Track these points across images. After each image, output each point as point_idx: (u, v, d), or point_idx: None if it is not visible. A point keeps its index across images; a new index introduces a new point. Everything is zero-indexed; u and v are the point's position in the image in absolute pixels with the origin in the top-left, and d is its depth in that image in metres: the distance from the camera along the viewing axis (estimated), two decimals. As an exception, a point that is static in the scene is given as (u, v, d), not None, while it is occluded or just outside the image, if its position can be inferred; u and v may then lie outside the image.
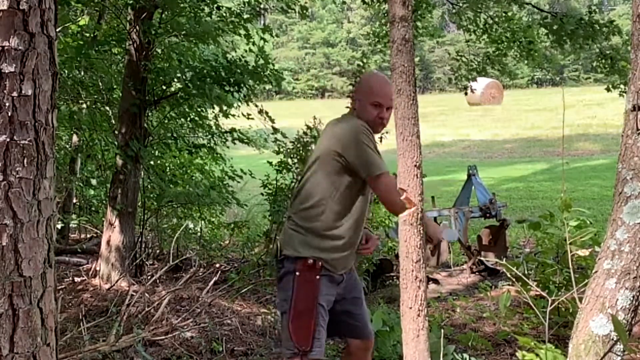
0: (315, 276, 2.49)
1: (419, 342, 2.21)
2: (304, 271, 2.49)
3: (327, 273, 2.52)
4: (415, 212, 2.18)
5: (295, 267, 2.50)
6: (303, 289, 2.49)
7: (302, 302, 2.48)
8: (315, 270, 2.49)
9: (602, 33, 7.08)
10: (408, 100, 1.99)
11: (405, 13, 1.95)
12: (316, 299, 2.47)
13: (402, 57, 1.97)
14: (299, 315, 2.47)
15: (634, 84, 1.95)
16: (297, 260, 2.50)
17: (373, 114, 2.57)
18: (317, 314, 2.46)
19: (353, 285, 2.72)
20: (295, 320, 2.48)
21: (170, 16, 5.55)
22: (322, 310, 2.50)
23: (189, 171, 7.10)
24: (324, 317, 2.50)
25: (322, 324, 2.49)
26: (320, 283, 2.49)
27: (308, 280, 2.48)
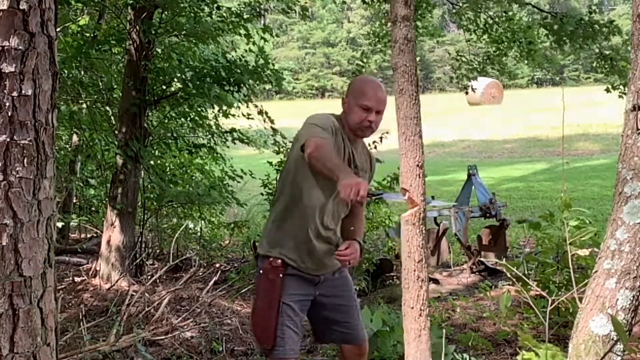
0: (278, 275, 2.45)
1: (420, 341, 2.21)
2: (267, 270, 2.47)
3: (293, 272, 2.48)
4: (418, 212, 2.17)
5: (261, 266, 2.50)
6: (264, 287, 2.47)
7: (263, 300, 2.46)
8: (278, 268, 2.45)
9: (602, 33, 7.07)
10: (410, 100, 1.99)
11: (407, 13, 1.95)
12: (279, 298, 2.43)
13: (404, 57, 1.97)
14: (259, 313, 2.46)
15: (634, 84, 1.95)
16: (264, 258, 2.50)
17: (361, 117, 2.49)
18: (280, 313, 2.42)
19: (339, 292, 2.64)
20: (256, 318, 2.48)
21: (170, 16, 5.55)
22: (289, 310, 2.45)
23: (189, 171, 7.10)
24: (290, 317, 2.45)
25: (288, 324, 2.44)
26: (284, 282, 2.45)
27: (270, 279, 2.46)
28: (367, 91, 2.50)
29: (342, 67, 52.49)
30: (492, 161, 17.74)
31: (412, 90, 1.98)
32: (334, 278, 2.63)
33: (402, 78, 1.98)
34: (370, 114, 2.49)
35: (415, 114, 1.99)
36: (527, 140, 21.16)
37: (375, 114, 2.50)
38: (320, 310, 2.60)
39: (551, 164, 16.19)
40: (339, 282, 2.65)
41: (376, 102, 2.48)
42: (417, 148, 2.01)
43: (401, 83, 1.98)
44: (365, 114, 2.49)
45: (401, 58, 1.97)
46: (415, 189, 2.06)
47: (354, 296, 2.75)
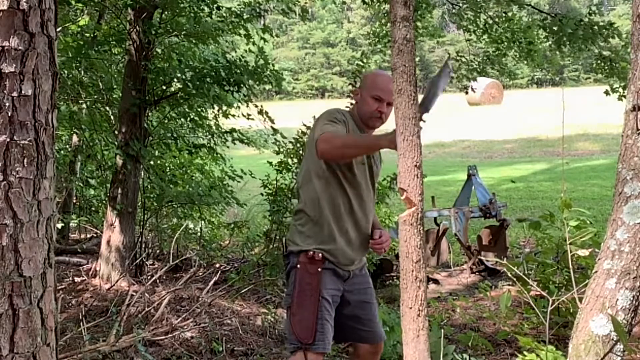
0: (317, 269, 2.47)
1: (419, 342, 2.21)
2: (305, 264, 2.48)
3: (330, 266, 2.51)
4: (416, 213, 2.18)
5: (297, 261, 2.50)
6: (304, 281, 2.48)
7: (303, 295, 2.46)
8: (317, 262, 2.48)
9: (602, 35, 7.07)
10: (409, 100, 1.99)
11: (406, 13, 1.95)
12: (319, 292, 2.45)
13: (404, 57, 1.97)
14: (300, 308, 2.46)
15: (634, 84, 1.95)
16: (299, 253, 2.51)
17: (373, 107, 2.56)
18: (320, 307, 2.44)
19: (363, 289, 2.67)
20: (297, 314, 2.47)
21: (170, 16, 5.55)
22: (327, 304, 2.47)
23: (189, 171, 7.10)
24: (328, 311, 2.47)
25: (327, 318, 2.46)
26: (322, 276, 2.48)
27: (310, 273, 2.47)
28: (379, 82, 2.57)
29: (342, 68, 52.49)
30: (492, 161, 17.74)
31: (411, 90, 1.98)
32: (359, 275, 2.66)
33: (401, 78, 1.98)
34: (382, 105, 2.56)
35: (413, 114, 1.99)
36: (527, 140, 21.16)
37: (387, 105, 2.56)
38: (345, 307, 2.61)
39: (551, 164, 16.19)
40: (363, 279, 2.69)
41: (388, 93, 2.50)
42: (415, 148, 2.01)
43: (400, 83, 1.98)
44: (377, 104, 2.56)
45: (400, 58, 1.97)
46: (413, 189, 2.06)
47: (374, 293, 2.78)
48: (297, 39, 57.75)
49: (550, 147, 19.41)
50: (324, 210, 2.51)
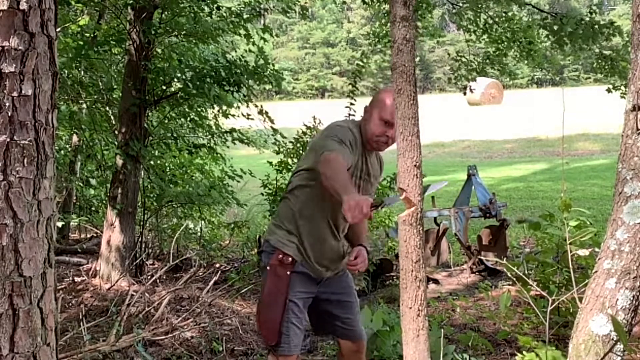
0: (287, 272, 2.46)
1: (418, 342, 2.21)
2: (276, 266, 2.47)
3: (301, 270, 2.49)
4: (415, 213, 2.18)
5: (269, 261, 2.50)
6: (272, 283, 2.47)
7: (270, 296, 2.46)
8: (287, 266, 2.46)
9: (602, 34, 7.07)
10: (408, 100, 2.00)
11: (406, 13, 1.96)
12: (286, 295, 2.43)
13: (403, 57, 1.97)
14: (266, 309, 2.46)
15: (634, 84, 1.95)
16: (272, 253, 2.50)
17: (379, 130, 2.49)
18: (286, 310, 2.43)
19: (341, 288, 2.66)
20: (262, 314, 2.47)
21: (170, 16, 5.55)
22: (294, 307, 2.46)
23: (189, 171, 7.10)
24: (296, 315, 2.46)
25: (294, 322, 2.45)
26: (292, 279, 2.46)
27: (279, 276, 2.46)
28: (389, 105, 2.44)
29: (342, 67, 52.52)
30: (492, 161, 17.74)
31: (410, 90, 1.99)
32: (336, 277, 2.65)
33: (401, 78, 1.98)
34: (390, 129, 2.47)
35: (413, 114, 1.99)
36: (527, 140, 21.16)
37: (392, 131, 2.47)
38: (320, 304, 2.61)
39: (551, 164, 16.19)
40: (341, 279, 2.68)
41: None
42: (415, 148, 2.02)
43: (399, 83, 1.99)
44: (384, 129, 2.49)
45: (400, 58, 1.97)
46: (412, 189, 2.06)
47: (355, 293, 2.76)
48: (297, 39, 57.75)
49: (550, 147, 19.41)
50: (303, 217, 2.50)
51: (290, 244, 2.49)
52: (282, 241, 2.50)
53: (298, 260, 2.48)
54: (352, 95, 6.08)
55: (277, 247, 2.49)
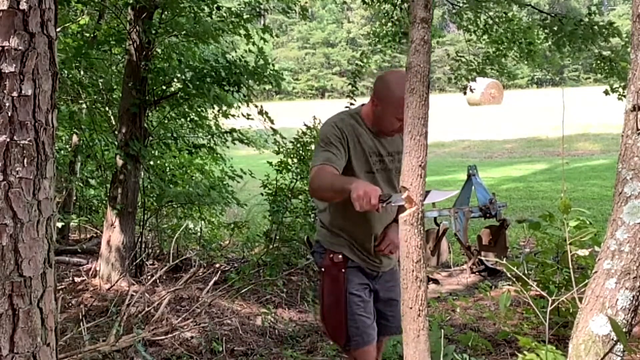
0: (340, 270, 2.48)
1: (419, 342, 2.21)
2: (329, 267, 2.49)
3: (354, 265, 2.51)
4: (416, 212, 2.18)
5: (322, 263, 2.52)
6: (329, 285, 2.49)
7: (329, 298, 2.48)
8: (339, 264, 2.48)
9: (602, 35, 7.07)
10: (420, 100, 2.04)
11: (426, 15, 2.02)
12: (345, 291, 2.45)
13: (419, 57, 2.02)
14: (329, 312, 2.49)
15: (634, 84, 1.95)
16: (323, 253, 2.52)
17: (394, 127, 2.46)
18: (348, 305, 2.44)
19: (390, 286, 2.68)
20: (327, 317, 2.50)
21: (170, 16, 5.55)
22: (356, 298, 2.47)
23: (189, 171, 7.10)
24: (359, 305, 2.47)
25: (359, 312, 2.45)
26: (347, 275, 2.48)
27: (334, 275, 2.48)
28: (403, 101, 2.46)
29: (342, 67, 52.54)
30: (492, 161, 17.74)
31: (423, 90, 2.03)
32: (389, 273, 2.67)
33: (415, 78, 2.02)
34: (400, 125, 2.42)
35: (423, 114, 2.04)
36: (527, 140, 21.16)
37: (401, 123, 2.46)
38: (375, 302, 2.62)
39: (551, 164, 16.19)
40: (391, 277, 2.69)
41: None
42: (422, 148, 2.05)
43: (413, 82, 2.02)
44: (397, 125, 2.46)
45: (416, 58, 2.01)
46: (415, 189, 2.07)
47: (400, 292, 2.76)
48: (297, 39, 57.76)
49: (550, 147, 19.41)
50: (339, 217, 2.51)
51: (340, 242, 2.50)
52: (332, 241, 2.52)
53: (350, 257, 2.50)
54: (352, 95, 6.09)
55: (327, 248, 2.51)
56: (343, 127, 2.46)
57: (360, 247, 2.53)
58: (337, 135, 2.43)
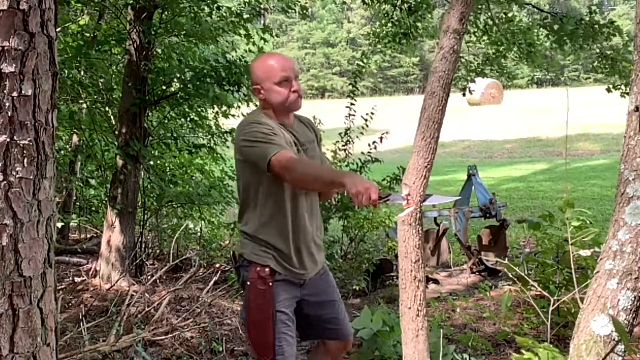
0: (268, 283, 2.36)
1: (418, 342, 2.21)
2: (255, 279, 2.37)
3: (281, 278, 2.40)
4: (414, 213, 2.18)
5: (248, 276, 2.39)
6: (256, 300, 2.38)
7: (257, 313, 2.37)
8: (266, 278, 2.36)
9: (602, 34, 7.07)
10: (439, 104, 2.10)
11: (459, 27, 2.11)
12: (272, 307, 2.35)
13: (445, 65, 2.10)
14: (256, 327, 2.38)
15: (636, 85, 1.94)
16: (248, 267, 2.40)
17: (285, 92, 2.34)
18: (275, 323, 2.35)
19: (323, 289, 2.57)
20: (253, 331, 2.40)
21: (170, 16, 5.55)
22: (283, 317, 2.38)
23: (189, 171, 7.10)
24: (285, 324, 2.38)
25: (285, 331, 2.38)
26: (274, 289, 2.37)
27: (261, 289, 2.36)
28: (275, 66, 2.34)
29: (342, 67, 52.53)
30: (492, 161, 17.75)
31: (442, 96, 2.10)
32: (318, 278, 2.56)
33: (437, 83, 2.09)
34: (292, 84, 2.35)
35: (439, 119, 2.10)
36: (527, 140, 21.18)
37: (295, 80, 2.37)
38: (305, 308, 2.53)
39: (551, 164, 16.19)
40: (322, 279, 2.59)
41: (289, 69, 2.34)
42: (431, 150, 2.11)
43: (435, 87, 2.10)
44: (287, 86, 2.34)
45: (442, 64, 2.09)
46: (416, 188, 2.08)
47: (337, 291, 2.68)
48: (297, 39, 57.74)
49: (550, 147, 19.42)
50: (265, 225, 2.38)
51: (265, 254, 2.38)
52: (256, 253, 2.39)
53: (277, 270, 2.39)
54: (352, 95, 6.08)
55: (252, 261, 2.39)
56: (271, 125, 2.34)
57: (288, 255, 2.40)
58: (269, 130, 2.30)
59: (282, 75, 2.33)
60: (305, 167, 2.21)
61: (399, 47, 8.67)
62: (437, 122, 2.07)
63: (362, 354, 3.46)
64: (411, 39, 8.22)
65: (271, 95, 2.36)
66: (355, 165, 5.85)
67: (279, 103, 2.37)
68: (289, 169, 2.17)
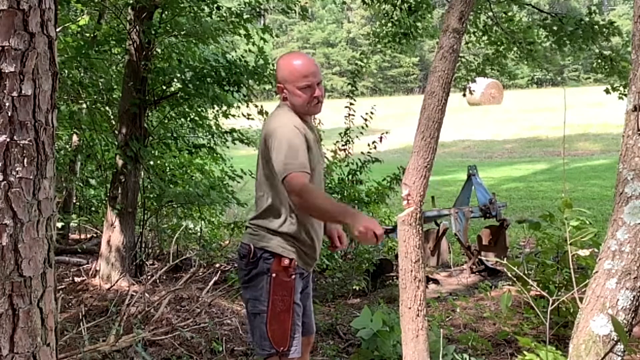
0: (290, 275, 2.45)
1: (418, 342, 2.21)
2: (279, 272, 2.44)
3: (299, 271, 2.50)
4: (415, 213, 2.18)
5: (270, 267, 2.44)
6: (279, 290, 2.43)
7: (279, 304, 2.43)
8: (289, 269, 2.44)
9: (602, 34, 7.07)
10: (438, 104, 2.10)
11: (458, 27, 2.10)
12: (292, 299, 2.44)
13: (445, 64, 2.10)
14: (277, 317, 2.43)
15: (634, 84, 1.95)
16: (271, 258, 2.45)
17: (305, 97, 2.43)
18: (293, 315, 2.44)
19: (309, 280, 2.69)
20: (274, 322, 2.44)
21: (170, 16, 5.55)
22: (298, 309, 2.47)
23: (189, 171, 7.09)
24: (299, 315, 2.48)
25: (298, 323, 2.47)
26: (294, 282, 2.46)
27: (284, 282, 2.43)
28: (301, 69, 2.43)
29: (342, 67, 52.50)
30: (492, 161, 17.74)
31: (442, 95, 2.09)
32: None
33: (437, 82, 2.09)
34: (314, 90, 2.43)
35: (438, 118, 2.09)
36: (527, 140, 21.17)
37: (317, 87, 2.45)
38: None
39: (551, 164, 16.19)
40: None
41: (313, 75, 2.42)
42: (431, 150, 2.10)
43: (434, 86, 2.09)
44: (309, 92, 2.43)
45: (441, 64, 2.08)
46: (417, 188, 2.09)
47: None
48: (297, 39, 57.73)
49: (550, 147, 19.41)
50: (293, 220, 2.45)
51: (291, 248, 2.46)
52: (282, 246, 2.45)
53: (299, 264, 2.48)
54: (352, 95, 6.08)
55: (277, 253, 2.45)
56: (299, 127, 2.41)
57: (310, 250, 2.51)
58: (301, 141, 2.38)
59: (305, 81, 2.42)
60: (314, 200, 2.32)
61: (399, 47, 8.68)
62: (437, 122, 2.07)
63: (362, 354, 3.46)
64: (411, 39, 8.23)
65: (293, 97, 2.46)
66: (355, 165, 5.86)
67: (299, 106, 2.46)
68: (300, 196, 2.29)
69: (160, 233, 6.59)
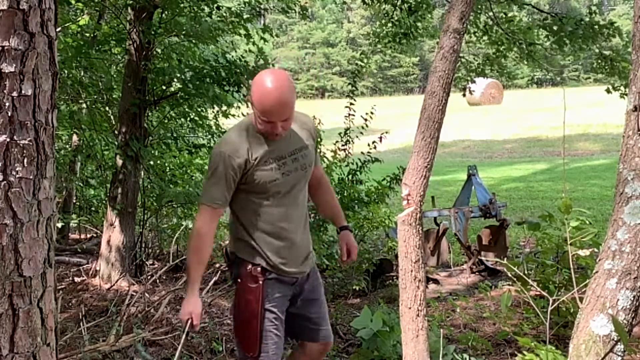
0: (259, 281, 2.40)
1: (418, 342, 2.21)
2: (247, 277, 2.42)
3: (272, 276, 2.43)
4: (414, 213, 2.18)
5: (239, 272, 2.44)
6: (246, 296, 2.42)
7: (245, 310, 2.42)
8: (257, 275, 2.41)
9: (602, 34, 7.07)
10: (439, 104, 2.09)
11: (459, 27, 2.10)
12: (261, 305, 2.40)
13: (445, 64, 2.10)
14: (243, 323, 2.43)
15: (635, 85, 1.95)
16: (240, 264, 2.44)
17: (263, 128, 2.32)
18: (262, 320, 2.39)
19: (311, 287, 2.60)
20: (241, 327, 2.44)
21: (170, 16, 5.55)
22: (270, 315, 2.41)
23: (189, 171, 7.09)
24: (272, 322, 2.42)
25: (272, 329, 2.41)
26: (265, 287, 2.41)
27: (251, 286, 2.41)
28: (265, 104, 2.24)
29: (342, 67, 52.50)
30: (492, 161, 17.74)
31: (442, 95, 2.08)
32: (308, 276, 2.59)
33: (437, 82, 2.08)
34: (273, 125, 2.29)
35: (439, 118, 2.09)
36: (527, 140, 21.16)
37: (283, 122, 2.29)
38: (292, 306, 2.56)
39: (551, 164, 16.18)
40: (311, 278, 2.62)
41: (277, 114, 2.25)
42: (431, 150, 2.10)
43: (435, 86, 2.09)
44: (268, 126, 2.29)
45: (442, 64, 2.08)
46: (417, 188, 2.08)
47: (323, 290, 2.70)
48: (297, 39, 57.72)
49: (550, 147, 19.40)
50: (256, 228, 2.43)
51: (257, 253, 2.42)
52: (248, 251, 2.44)
53: (267, 269, 2.43)
54: (352, 95, 6.08)
55: (244, 259, 2.43)
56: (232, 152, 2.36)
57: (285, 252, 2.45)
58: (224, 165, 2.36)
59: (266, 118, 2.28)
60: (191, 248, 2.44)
61: (399, 47, 8.68)
62: (437, 122, 2.06)
63: (362, 354, 3.46)
64: (411, 39, 8.24)
65: (255, 118, 2.34)
66: (355, 165, 5.86)
67: (258, 129, 2.35)
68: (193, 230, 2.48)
69: (160, 233, 6.59)
